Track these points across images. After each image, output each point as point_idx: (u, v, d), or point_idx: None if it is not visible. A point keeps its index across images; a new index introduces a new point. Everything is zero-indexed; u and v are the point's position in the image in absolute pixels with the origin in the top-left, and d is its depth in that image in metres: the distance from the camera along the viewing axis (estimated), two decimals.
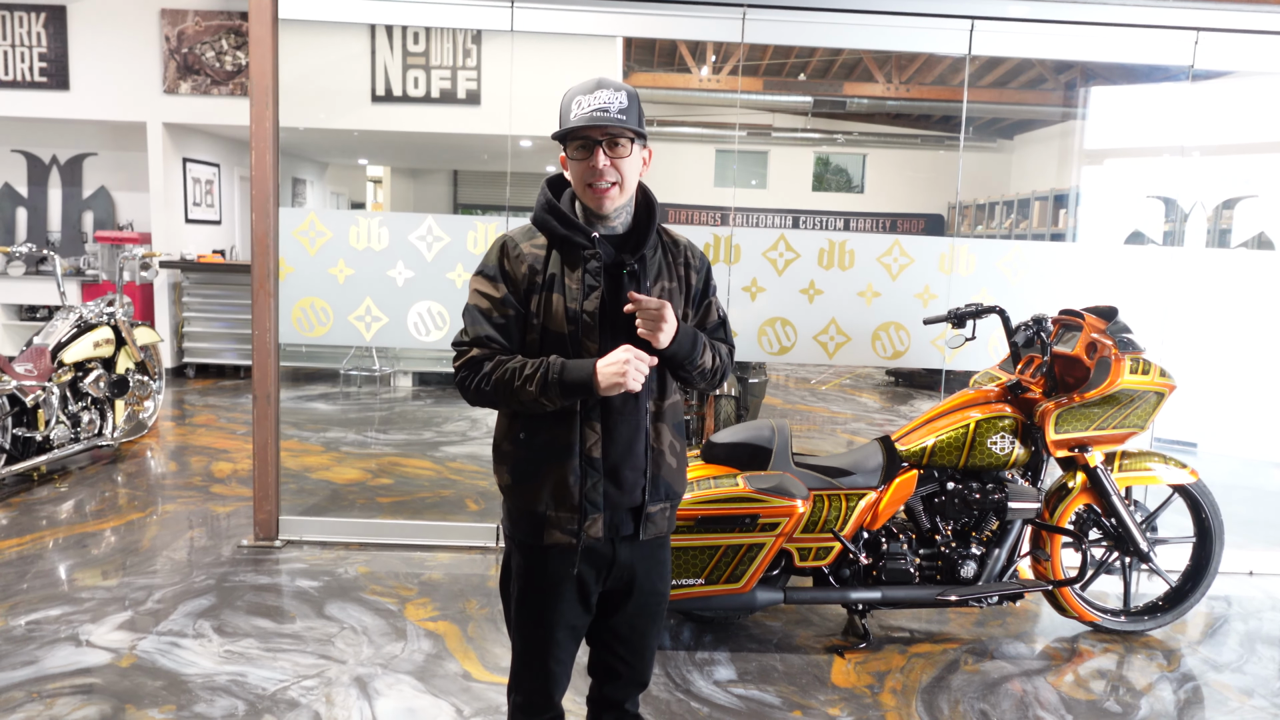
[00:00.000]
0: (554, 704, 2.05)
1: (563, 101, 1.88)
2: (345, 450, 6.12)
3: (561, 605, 1.94)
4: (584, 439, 1.87)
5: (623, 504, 1.92)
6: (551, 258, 1.90)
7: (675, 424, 1.99)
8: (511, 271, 1.90)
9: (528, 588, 1.96)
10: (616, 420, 1.88)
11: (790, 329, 4.34)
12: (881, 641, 3.51)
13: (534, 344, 1.89)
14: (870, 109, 13.35)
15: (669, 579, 2.08)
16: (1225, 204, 7.51)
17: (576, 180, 1.89)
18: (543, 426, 1.88)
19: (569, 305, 1.86)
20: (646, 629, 2.05)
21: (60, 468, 5.51)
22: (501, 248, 1.93)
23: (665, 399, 1.96)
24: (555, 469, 1.88)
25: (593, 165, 1.84)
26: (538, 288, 1.88)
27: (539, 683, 2.01)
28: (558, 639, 1.96)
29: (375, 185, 16.21)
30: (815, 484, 3.28)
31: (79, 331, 5.61)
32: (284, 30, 4.09)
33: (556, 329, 1.86)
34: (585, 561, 1.91)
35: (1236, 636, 3.68)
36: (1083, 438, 3.40)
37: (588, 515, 1.87)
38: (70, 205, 9.38)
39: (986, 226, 12.84)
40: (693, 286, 2.00)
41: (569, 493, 1.87)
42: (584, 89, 1.85)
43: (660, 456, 1.95)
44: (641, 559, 1.98)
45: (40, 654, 3.16)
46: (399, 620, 3.54)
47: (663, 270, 1.96)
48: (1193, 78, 4.23)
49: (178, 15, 8.23)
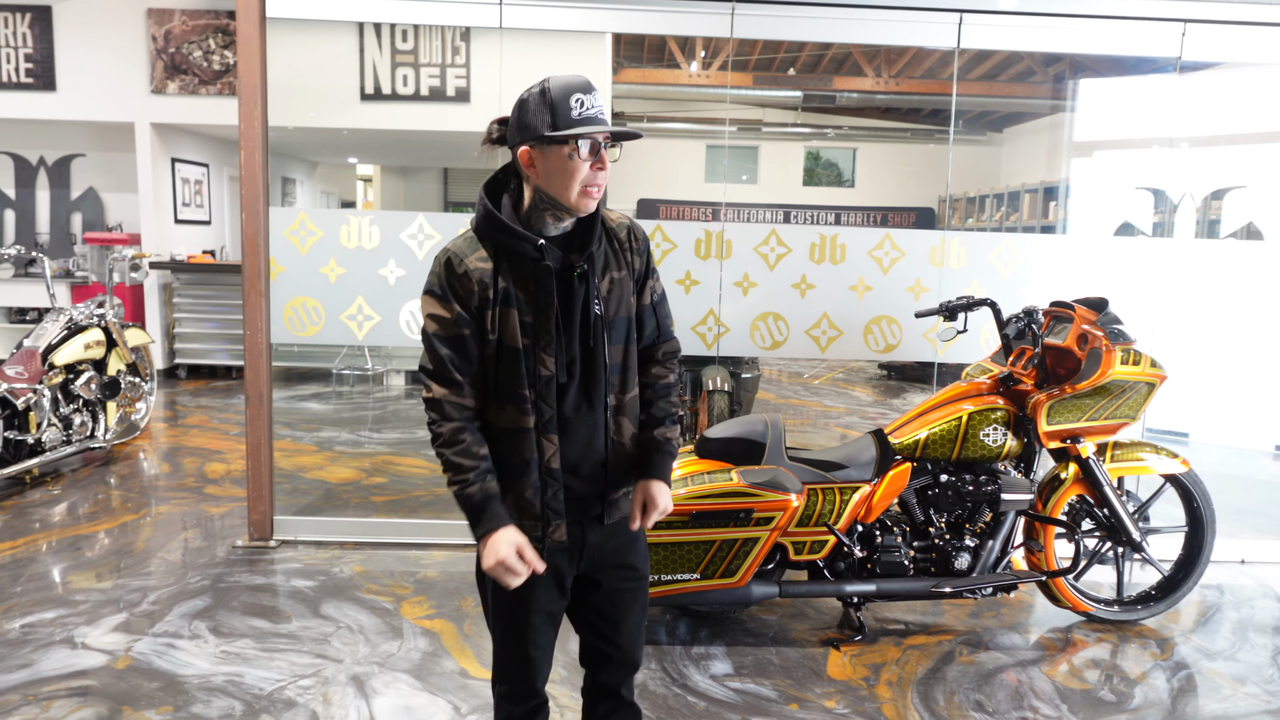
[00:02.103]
0: (537, 691, 2.05)
1: (550, 97, 1.75)
2: (339, 450, 6.11)
3: (536, 592, 1.94)
4: (542, 451, 1.86)
5: (588, 494, 1.93)
6: (501, 269, 1.83)
7: (633, 417, 1.99)
8: (459, 289, 1.82)
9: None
10: (573, 428, 1.89)
11: (782, 324, 4.34)
12: (877, 634, 3.52)
13: (490, 359, 1.85)
14: (860, 103, 13.36)
15: (645, 555, 2.08)
16: (1214, 195, 7.54)
17: (570, 183, 1.78)
18: (502, 440, 1.87)
19: (524, 319, 1.83)
20: (628, 605, 2.05)
21: (53, 470, 5.49)
22: (446, 264, 1.84)
23: (626, 394, 1.95)
24: (516, 483, 1.87)
25: (599, 168, 1.79)
26: (489, 303, 1.82)
27: (521, 669, 2.01)
28: (535, 625, 1.97)
29: (365, 184, 16.17)
30: (809, 478, 3.29)
31: (69, 333, 5.59)
32: (272, 29, 4.08)
33: (511, 344, 1.82)
34: (554, 551, 1.92)
35: (1229, 624, 3.70)
36: (1075, 429, 3.41)
37: (550, 522, 1.89)
38: (58, 207, 9.33)
39: (977, 220, 12.87)
40: (637, 271, 1.98)
41: (530, 504, 1.88)
42: (580, 86, 1.76)
43: (620, 448, 1.95)
44: (610, 538, 1.99)
45: (35, 657, 3.15)
46: (395, 619, 3.54)
47: (609, 260, 1.92)
48: (1180, 69, 4.25)
49: (164, 15, 8.19)
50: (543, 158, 1.79)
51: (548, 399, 1.84)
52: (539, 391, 1.84)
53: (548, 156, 1.78)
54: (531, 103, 1.78)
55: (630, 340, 1.95)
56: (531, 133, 1.77)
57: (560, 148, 1.77)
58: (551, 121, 1.75)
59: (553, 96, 1.75)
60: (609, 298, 1.90)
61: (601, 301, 1.88)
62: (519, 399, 1.84)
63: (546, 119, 1.75)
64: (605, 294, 1.89)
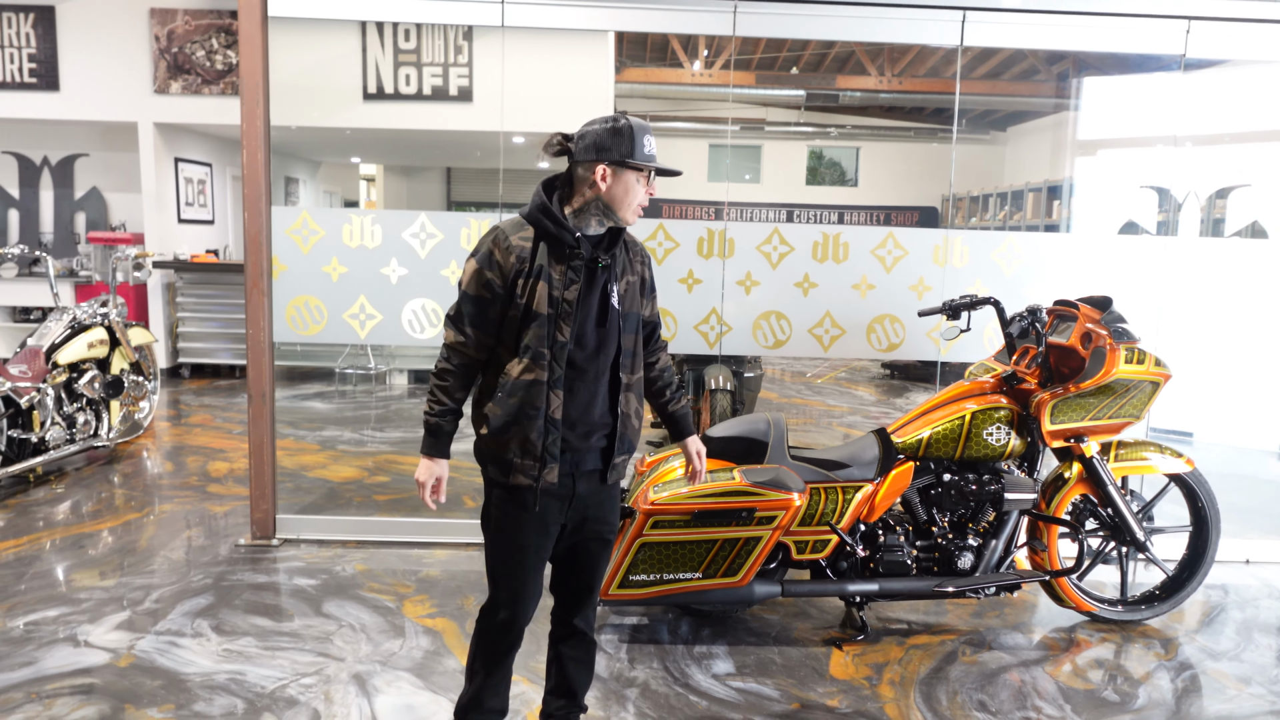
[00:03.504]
0: (519, 626, 2.39)
1: (633, 132, 2.20)
2: (341, 448, 6.11)
3: (530, 531, 2.31)
4: (549, 403, 2.22)
5: (581, 449, 2.29)
6: (539, 250, 2.22)
7: (639, 394, 2.40)
8: (501, 260, 2.22)
9: (503, 517, 2.32)
10: (578, 389, 2.26)
11: (785, 322, 4.34)
12: (879, 633, 3.51)
13: (514, 320, 2.22)
14: (863, 102, 13.34)
15: (618, 513, 2.49)
16: (1219, 193, 7.53)
17: (632, 200, 2.24)
18: (518, 390, 2.22)
19: (553, 293, 2.21)
20: (598, 554, 2.45)
21: (56, 469, 5.49)
22: (494, 238, 2.25)
23: (634, 375, 2.36)
24: (524, 427, 2.22)
25: (650, 192, 2.27)
26: (525, 274, 2.21)
27: (511, 596, 2.35)
28: (531, 562, 2.33)
29: (368, 183, 16.18)
30: (811, 477, 3.28)
31: (73, 333, 5.60)
32: (274, 28, 4.08)
33: (538, 310, 2.20)
34: (548, 496, 2.28)
35: (1233, 625, 3.69)
36: (1078, 428, 3.40)
37: (546, 464, 2.24)
38: (62, 206, 9.34)
39: (980, 218, 12.85)
40: (647, 282, 2.44)
41: (533, 445, 2.23)
42: (648, 130, 2.25)
43: (627, 420, 2.34)
44: (595, 494, 2.36)
45: (39, 655, 3.16)
46: (397, 617, 3.54)
47: (626, 268, 2.35)
48: (1185, 67, 4.24)
49: (167, 14, 8.20)
50: (615, 176, 2.22)
51: (560, 360, 2.22)
52: (554, 353, 2.21)
53: (622, 177, 2.22)
54: (615, 133, 2.21)
55: (638, 333, 2.36)
56: (611, 155, 2.20)
57: (632, 173, 2.22)
58: (633, 151, 2.20)
59: (633, 131, 2.21)
60: (625, 295, 2.32)
61: (619, 297, 2.30)
62: (538, 355, 2.20)
63: (626, 149, 2.20)
64: (623, 293, 2.31)
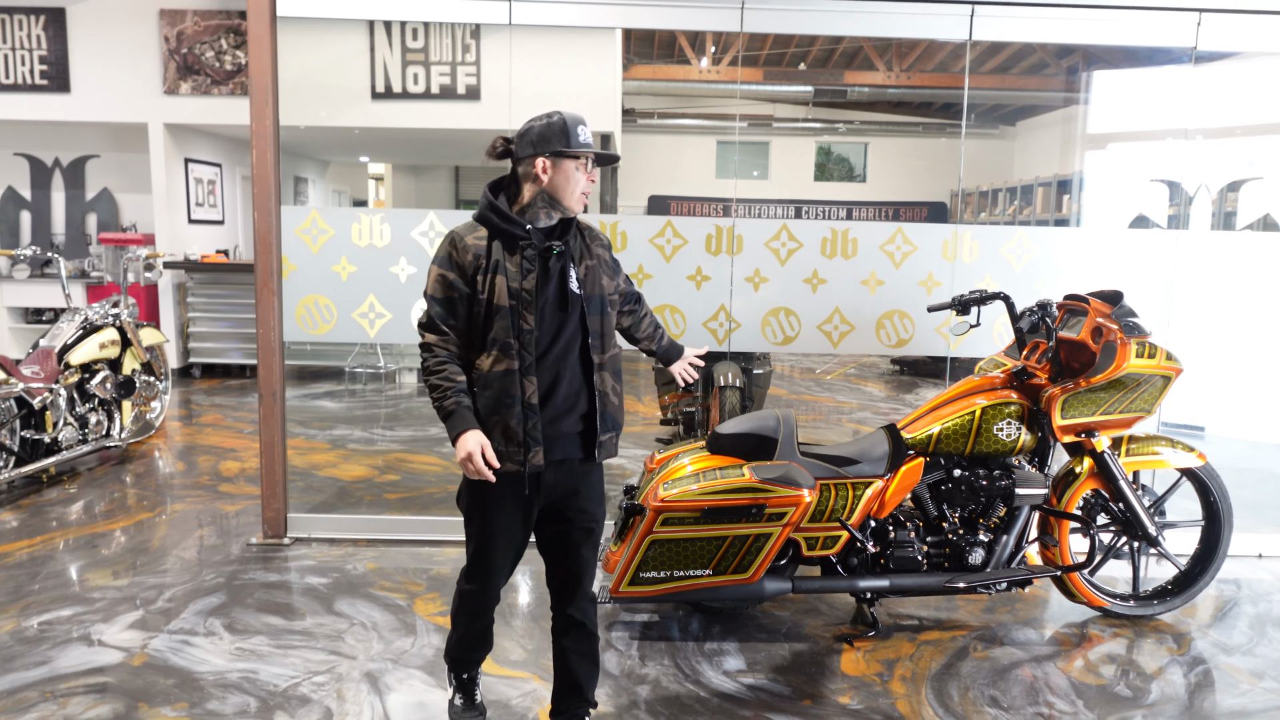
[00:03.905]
0: (492, 595, 2.55)
1: (565, 124, 2.31)
2: (352, 447, 6.13)
3: (506, 514, 2.42)
4: (523, 389, 2.32)
5: (551, 435, 2.36)
6: (494, 247, 2.35)
7: (615, 370, 2.48)
8: (459, 260, 2.35)
9: (475, 502, 2.44)
10: (548, 373, 2.36)
11: (794, 319, 4.33)
12: (890, 629, 3.51)
13: (479, 315, 2.34)
14: (871, 97, 13.31)
15: (602, 502, 2.54)
16: (1230, 186, 7.48)
17: (574, 188, 2.35)
18: (493, 381, 2.32)
19: (510, 284, 2.32)
20: (583, 540, 2.49)
21: (69, 469, 5.53)
22: (450, 242, 2.38)
23: (606, 353, 2.44)
24: (504, 415, 2.32)
25: (591, 179, 2.39)
26: (483, 270, 2.33)
27: (483, 570, 2.49)
28: (499, 541, 2.45)
29: (377, 183, 16.22)
30: (821, 473, 3.28)
31: (85, 333, 5.63)
32: (283, 28, 4.09)
33: (500, 303, 2.31)
34: (518, 483, 2.36)
35: (1246, 619, 3.67)
36: (1089, 423, 3.39)
37: (530, 448, 2.33)
38: (73, 207, 9.39)
39: (990, 214, 12.80)
40: (609, 262, 2.55)
41: (515, 431, 2.32)
42: (580, 120, 2.35)
43: (605, 397, 2.43)
44: (576, 481, 2.45)
45: (53, 654, 3.18)
46: (408, 615, 3.55)
47: (584, 253, 2.45)
48: (1196, 60, 4.21)
49: (176, 15, 8.23)
50: (555, 167, 2.34)
51: (529, 348, 2.32)
52: (522, 342, 2.32)
53: (560, 167, 2.34)
54: (549, 127, 2.33)
55: (605, 313, 2.45)
56: (549, 147, 2.32)
57: (570, 162, 2.34)
58: (566, 141, 2.32)
59: (565, 123, 2.33)
60: (586, 279, 2.41)
61: (579, 281, 2.39)
62: (506, 346, 2.31)
63: (562, 140, 2.32)
64: (583, 277, 2.41)
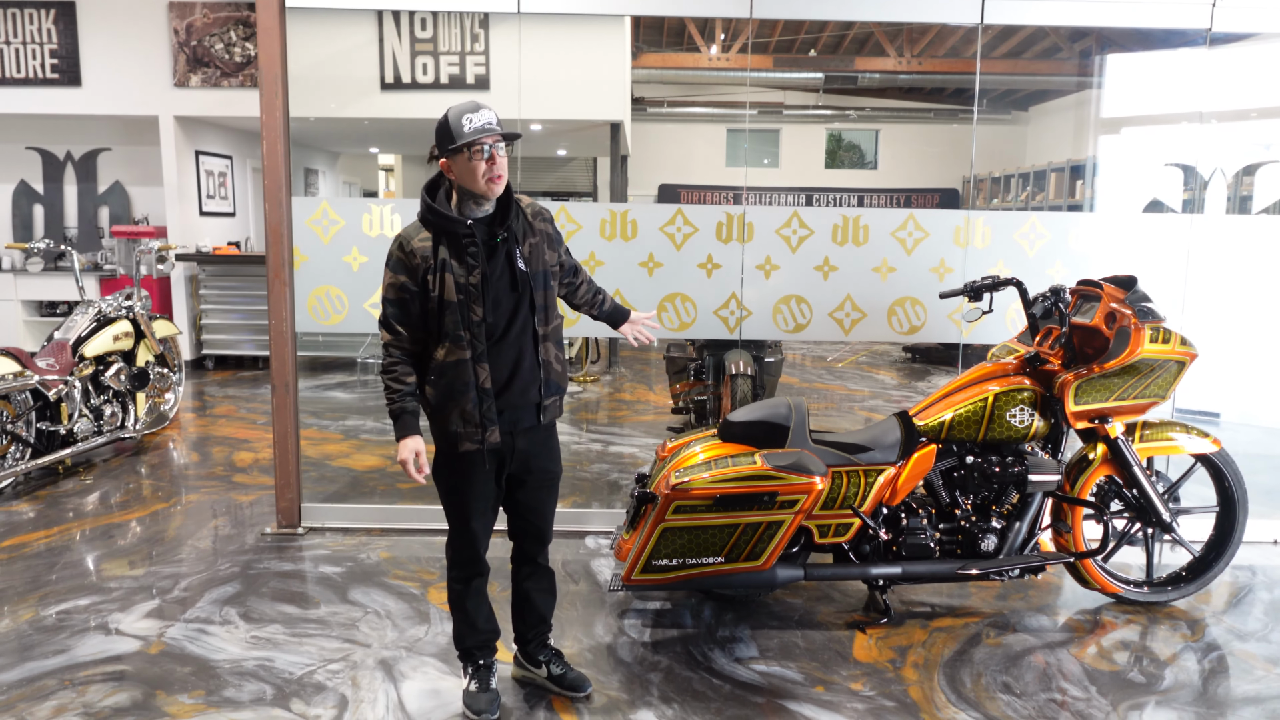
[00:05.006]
0: (479, 557, 2.72)
1: (448, 121, 2.42)
2: (364, 437, 6.16)
3: (476, 486, 2.62)
4: (477, 375, 2.51)
5: (518, 405, 2.58)
6: (440, 245, 2.48)
7: (557, 340, 2.65)
8: (407, 263, 2.50)
9: (451, 476, 2.63)
10: (497, 357, 2.53)
11: (805, 306, 4.32)
12: (903, 616, 3.51)
13: (433, 311, 2.49)
14: (882, 84, 13.22)
15: (559, 460, 2.78)
16: (1246, 170, 7.41)
17: (476, 177, 2.44)
18: (447, 370, 2.51)
19: (458, 280, 2.47)
20: (545, 499, 2.76)
21: (84, 460, 5.57)
22: (399, 245, 2.52)
23: (549, 324, 2.62)
24: (459, 400, 2.52)
25: (492, 163, 2.45)
26: (432, 269, 2.47)
27: (467, 540, 2.68)
28: (476, 508, 2.64)
29: (386, 173, 16.22)
30: (833, 461, 3.27)
31: (98, 326, 5.66)
32: (292, 19, 4.09)
33: (450, 298, 2.47)
34: (490, 453, 2.58)
35: (1261, 605, 3.66)
36: (1103, 408, 3.37)
37: (487, 428, 2.54)
38: (86, 201, 9.44)
39: (1002, 200, 12.71)
40: (551, 236, 2.66)
41: (471, 415, 2.52)
42: (467, 109, 2.43)
43: (549, 367, 2.62)
44: (535, 445, 2.67)
45: (71, 643, 3.21)
46: (422, 604, 3.57)
47: (526, 231, 2.58)
48: (1210, 42, 4.16)
49: (186, 8, 8.24)
50: (454, 164, 2.47)
51: (480, 337, 2.50)
52: (473, 332, 2.49)
53: (456, 162, 2.46)
54: (439, 128, 2.46)
55: (549, 287, 2.61)
56: (443, 148, 2.47)
57: (462, 154, 2.44)
58: (451, 138, 2.43)
59: (449, 120, 2.44)
60: (531, 256, 2.57)
61: (525, 260, 2.55)
62: (457, 338, 2.48)
63: (447, 139, 2.44)
64: (528, 255, 2.56)
